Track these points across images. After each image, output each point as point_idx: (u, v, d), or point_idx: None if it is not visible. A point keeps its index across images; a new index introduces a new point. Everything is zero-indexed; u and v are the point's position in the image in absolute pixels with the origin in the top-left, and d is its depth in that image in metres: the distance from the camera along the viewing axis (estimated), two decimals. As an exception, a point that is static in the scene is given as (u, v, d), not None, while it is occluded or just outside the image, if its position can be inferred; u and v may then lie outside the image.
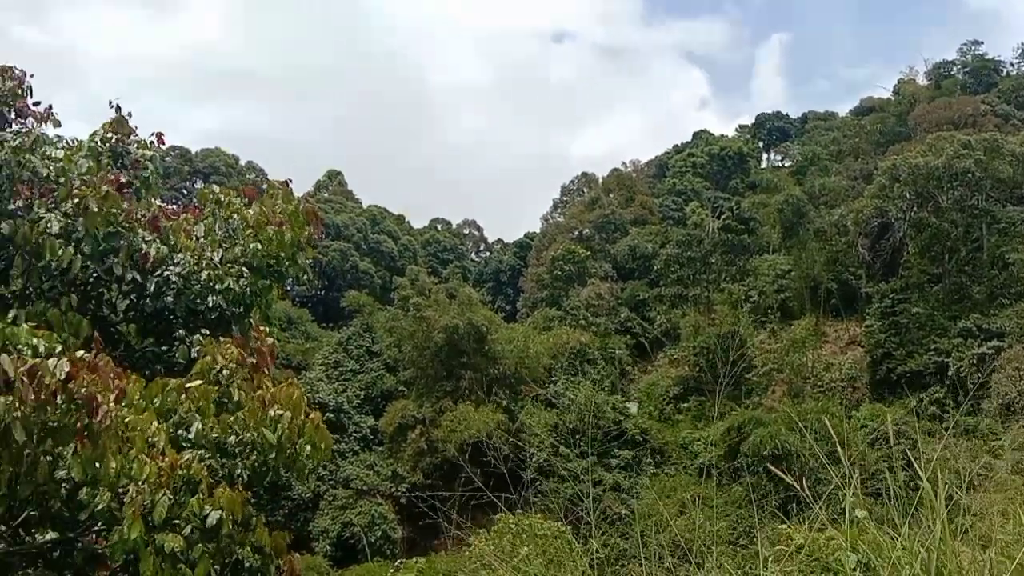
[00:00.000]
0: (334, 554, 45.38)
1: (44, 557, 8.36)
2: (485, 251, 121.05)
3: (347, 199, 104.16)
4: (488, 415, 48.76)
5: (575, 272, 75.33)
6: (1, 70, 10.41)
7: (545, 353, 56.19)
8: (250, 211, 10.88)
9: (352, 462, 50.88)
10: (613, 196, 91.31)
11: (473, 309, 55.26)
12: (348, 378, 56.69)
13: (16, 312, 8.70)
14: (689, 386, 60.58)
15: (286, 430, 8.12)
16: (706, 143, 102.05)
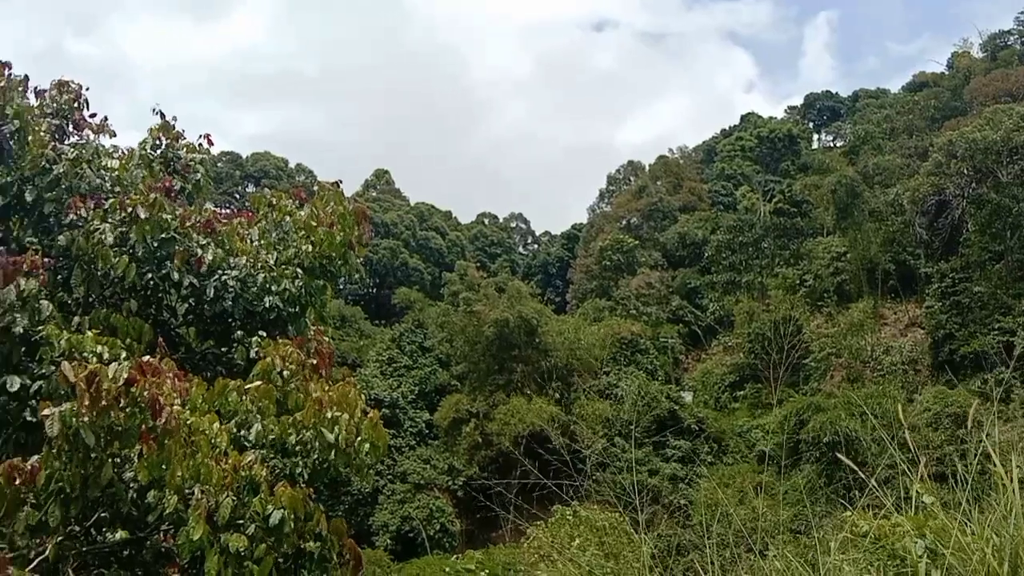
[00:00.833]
0: (394, 548, 45.94)
1: (116, 556, 8.63)
2: (533, 244, 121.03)
3: (395, 197, 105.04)
4: (541, 407, 48.80)
5: (624, 262, 74.87)
6: (58, 84, 10.75)
7: (596, 344, 55.99)
8: (302, 213, 11.07)
9: (409, 456, 51.42)
10: (660, 183, 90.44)
11: (523, 302, 55.31)
12: (402, 374, 57.27)
13: (80, 319, 8.99)
14: (745, 373, 59.77)
15: (343, 430, 8.24)
16: (754, 126, 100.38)
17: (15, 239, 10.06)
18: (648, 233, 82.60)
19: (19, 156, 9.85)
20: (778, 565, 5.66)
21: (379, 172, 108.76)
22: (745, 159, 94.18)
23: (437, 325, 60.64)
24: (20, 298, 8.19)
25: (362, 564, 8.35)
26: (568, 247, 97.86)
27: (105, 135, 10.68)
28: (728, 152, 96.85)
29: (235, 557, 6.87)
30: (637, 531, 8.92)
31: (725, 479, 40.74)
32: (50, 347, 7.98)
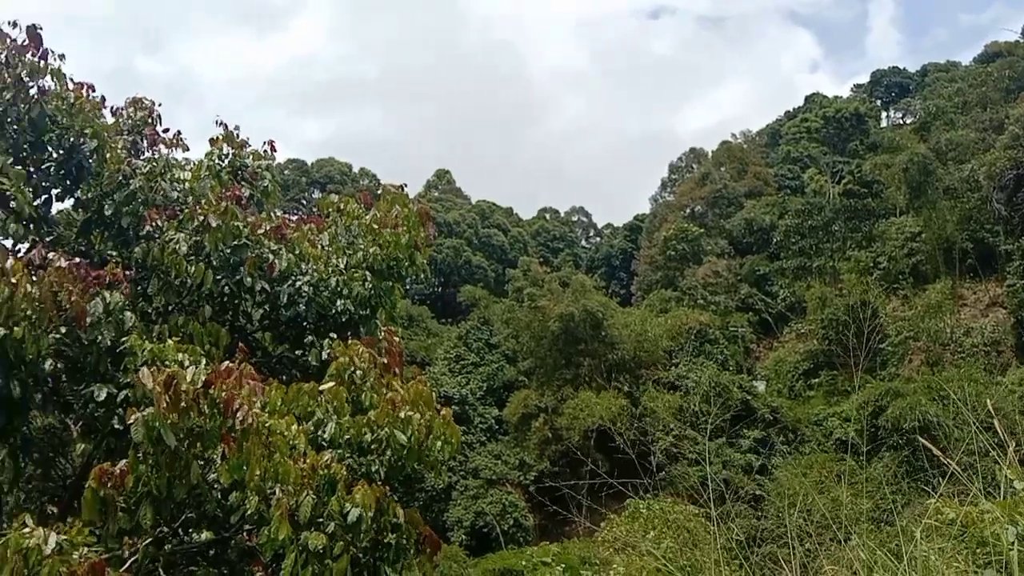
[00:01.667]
0: (469, 543, 46.39)
1: (203, 555, 8.95)
2: (595, 237, 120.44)
3: (456, 196, 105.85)
4: (610, 401, 48.58)
5: (689, 251, 73.89)
6: (133, 102, 11.18)
7: (664, 336, 55.44)
8: (368, 217, 11.29)
9: (480, 452, 51.83)
10: (724, 170, 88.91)
11: (587, 296, 55.12)
12: (470, 371, 57.73)
13: (159, 328, 9.34)
14: (819, 360, 58.37)
15: (416, 429, 8.36)
16: (820, 106, 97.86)
17: (96, 252, 10.51)
18: (713, 221, 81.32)
19: (98, 173, 10.28)
20: (862, 555, 5.54)
21: (440, 172, 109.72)
22: (811, 141, 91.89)
23: (502, 322, 60.90)
24: (106, 311, 8.55)
25: (439, 548, 8.47)
26: (631, 238, 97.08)
27: (178, 149, 11.08)
28: (793, 134, 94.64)
29: (315, 555, 7.05)
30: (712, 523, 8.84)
31: (802, 469, 39.91)
32: (134, 357, 8.30)
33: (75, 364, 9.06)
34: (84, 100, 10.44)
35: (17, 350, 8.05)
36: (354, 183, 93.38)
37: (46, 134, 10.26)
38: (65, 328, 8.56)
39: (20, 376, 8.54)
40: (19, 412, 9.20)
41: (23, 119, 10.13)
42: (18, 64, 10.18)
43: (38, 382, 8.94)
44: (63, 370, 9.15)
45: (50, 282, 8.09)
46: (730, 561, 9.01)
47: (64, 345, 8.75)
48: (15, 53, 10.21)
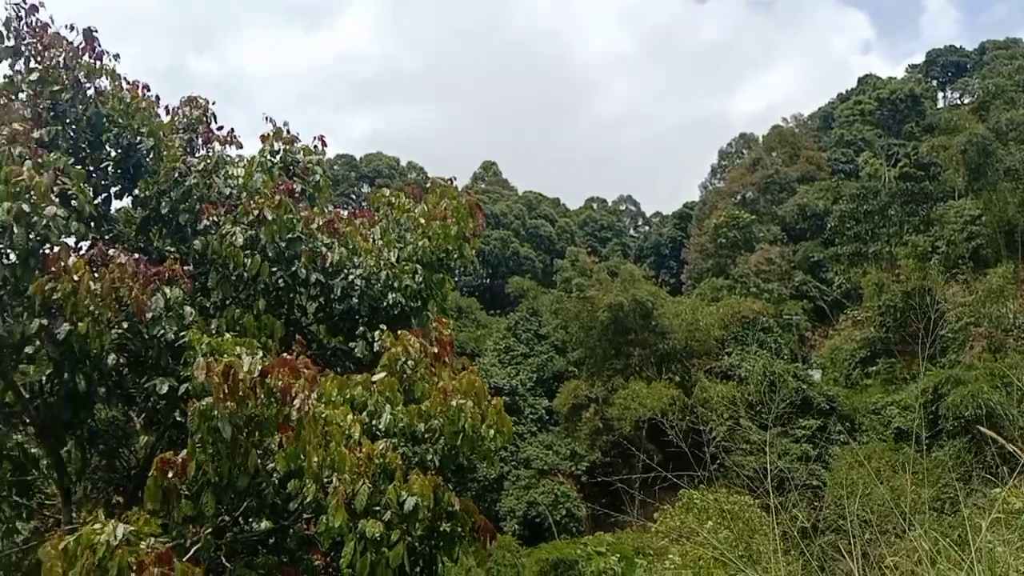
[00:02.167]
0: (522, 532, 46.57)
1: (263, 543, 9.15)
2: (643, 226, 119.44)
3: (503, 188, 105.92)
4: (661, 391, 48.24)
5: (741, 238, 72.81)
6: (188, 101, 11.43)
7: (715, 324, 54.79)
8: (417, 210, 11.38)
9: (531, 443, 51.95)
10: (776, 155, 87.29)
11: (636, 285, 54.74)
12: (519, 362, 57.84)
13: (217, 322, 9.55)
14: (876, 348, 57.09)
15: (469, 417, 8.42)
16: (873, 88, 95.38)
17: (155, 249, 10.79)
18: (765, 207, 79.96)
19: (155, 171, 10.54)
20: (924, 545, 5.42)
21: (487, 164, 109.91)
22: (865, 123, 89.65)
23: (551, 312, 60.84)
24: (167, 306, 8.77)
25: (495, 537, 8.52)
26: (681, 227, 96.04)
27: (232, 146, 11.31)
28: (847, 117, 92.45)
29: (372, 543, 7.15)
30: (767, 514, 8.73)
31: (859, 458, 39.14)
32: (193, 351, 8.50)
33: (137, 358, 9.31)
34: (140, 99, 10.70)
35: (82, 345, 8.31)
36: (402, 177, 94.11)
37: (104, 134, 10.54)
38: (127, 323, 8.80)
39: (85, 370, 8.82)
40: (85, 405, 9.51)
41: (81, 120, 10.43)
42: (75, 66, 10.47)
43: (102, 376, 9.22)
44: (126, 364, 9.41)
45: (112, 278, 8.32)
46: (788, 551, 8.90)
47: (126, 340, 9.00)
48: (72, 55, 10.51)
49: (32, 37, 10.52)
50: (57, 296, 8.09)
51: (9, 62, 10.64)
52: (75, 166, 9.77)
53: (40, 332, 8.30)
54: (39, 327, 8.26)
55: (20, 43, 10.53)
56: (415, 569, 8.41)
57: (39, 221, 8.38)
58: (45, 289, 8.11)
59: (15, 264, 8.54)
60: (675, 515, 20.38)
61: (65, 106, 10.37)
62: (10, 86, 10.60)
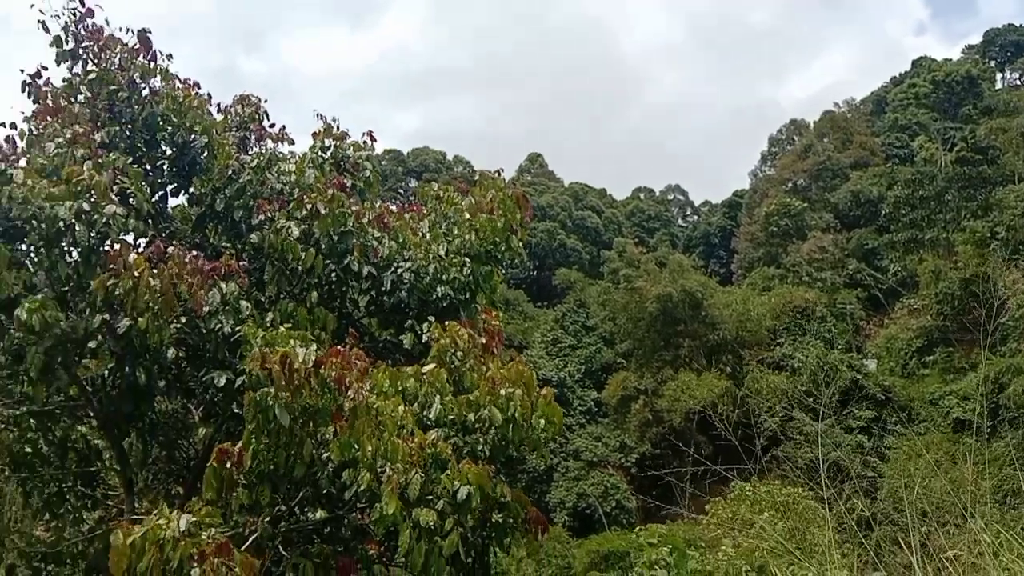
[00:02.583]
0: (572, 524, 46.59)
1: (318, 533, 9.32)
2: (692, 215, 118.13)
3: (549, 180, 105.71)
4: (712, 382, 47.73)
5: (792, 226, 71.56)
6: (240, 99, 11.66)
7: (767, 315, 53.96)
8: (464, 203, 11.45)
9: (580, 435, 51.90)
10: (827, 141, 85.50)
11: (685, 276, 54.17)
12: (567, 354, 57.77)
13: (272, 315, 9.75)
14: (933, 337, 55.64)
15: (518, 407, 8.46)
16: (928, 70, 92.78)
17: (211, 245, 11.04)
18: (817, 194, 78.42)
19: (209, 168, 10.78)
20: (987, 538, 5.29)
21: (532, 156, 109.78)
22: (920, 107, 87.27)
23: (599, 304, 60.58)
24: (223, 301, 8.97)
25: (547, 528, 8.56)
26: (730, 215, 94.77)
27: (284, 143, 11.52)
28: (900, 101, 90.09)
29: (426, 531, 7.24)
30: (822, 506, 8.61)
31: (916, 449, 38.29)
32: (249, 344, 8.69)
33: (195, 352, 9.55)
34: (192, 98, 10.95)
35: (142, 340, 8.55)
36: (448, 171, 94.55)
37: (159, 133, 10.81)
38: (185, 318, 9.04)
39: (145, 364, 9.08)
40: (145, 398, 9.79)
41: (137, 120, 10.71)
42: (131, 67, 10.75)
43: (162, 370, 9.48)
44: (185, 358, 9.66)
45: (170, 275, 8.54)
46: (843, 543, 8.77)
47: (185, 334, 9.24)
48: (127, 57, 10.79)
49: (89, 40, 10.83)
50: (119, 292, 8.33)
51: (67, 65, 10.97)
52: (132, 165, 10.05)
53: (102, 327, 8.57)
54: (101, 322, 8.53)
55: (78, 47, 10.86)
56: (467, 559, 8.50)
57: (100, 219, 8.64)
58: (107, 285, 8.36)
59: (78, 262, 8.83)
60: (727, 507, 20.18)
61: (122, 107, 10.67)
62: (69, 89, 10.93)
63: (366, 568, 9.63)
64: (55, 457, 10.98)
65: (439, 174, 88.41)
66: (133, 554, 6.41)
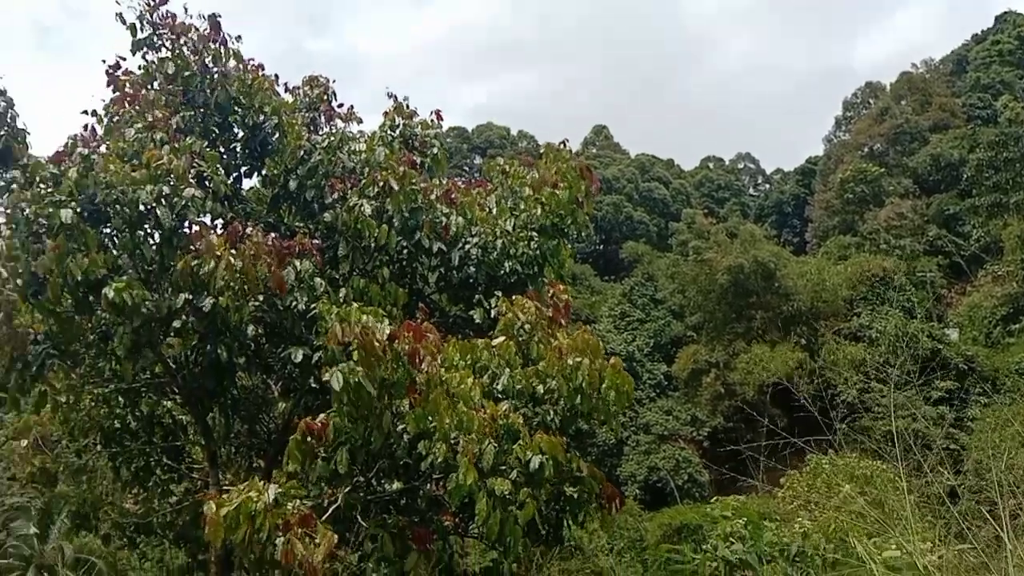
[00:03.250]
0: (643, 497, 46.52)
1: (394, 504, 9.54)
2: (764, 184, 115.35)
3: (615, 152, 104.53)
4: (786, 354, 46.77)
5: (869, 193, 69.27)
6: (309, 80, 11.85)
7: (843, 284, 52.48)
8: (529, 177, 11.43)
9: (650, 408, 51.63)
10: (905, 103, 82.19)
11: (757, 246, 53.02)
12: (635, 327, 57.36)
13: (345, 291, 9.96)
14: (1019, 304, 53.30)
15: (586, 374, 8.45)
16: (1014, 25, 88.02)
17: (285, 225, 11.31)
18: (895, 159, 75.61)
19: (280, 149, 11.01)
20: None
21: (597, 128, 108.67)
22: (1004, 65, 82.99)
23: (667, 277, 59.85)
24: (298, 278, 9.20)
25: (622, 504, 8.60)
26: (804, 183, 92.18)
27: (352, 122, 11.67)
28: (983, 59, 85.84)
29: (501, 500, 7.34)
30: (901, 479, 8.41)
31: (1002, 421, 36.90)
32: (324, 320, 8.90)
33: (273, 329, 9.84)
34: (261, 79, 11.18)
35: (224, 318, 8.85)
36: (513, 146, 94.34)
37: (231, 116, 11.09)
38: (262, 296, 9.30)
39: (226, 342, 9.39)
40: (227, 375, 10.15)
41: (210, 103, 11.00)
42: (204, 52, 11.03)
43: (242, 347, 9.80)
44: (263, 335, 9.96)
45: (249, 255, 8.80)
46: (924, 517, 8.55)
47: (263, 312, 9.52)
48: (200, 42, 11.07)
49: (162, 28, 11.14)
50: (203, 272, 8.62)
51: (143, 53, 11.32)
52: (207, 149, 10.34)
53: (185, 306, 8.88)
54: (185, 301, 8.84)
55: (152, 35, 11.18)
56: (542, 530, 8.61)
57: (179, 202, 8.93)
58: (191, 266, 8.66)
59: (159, 243, 9.16)
60: (803, 480, 19.83)
61: (195, 91, 10.97)
62: (146, 76, 11.28)
63: (442, 539, 9.83)
64: (143, 432, 11.48)
65: (503, 150, 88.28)
66: (227, 525, 6.70)
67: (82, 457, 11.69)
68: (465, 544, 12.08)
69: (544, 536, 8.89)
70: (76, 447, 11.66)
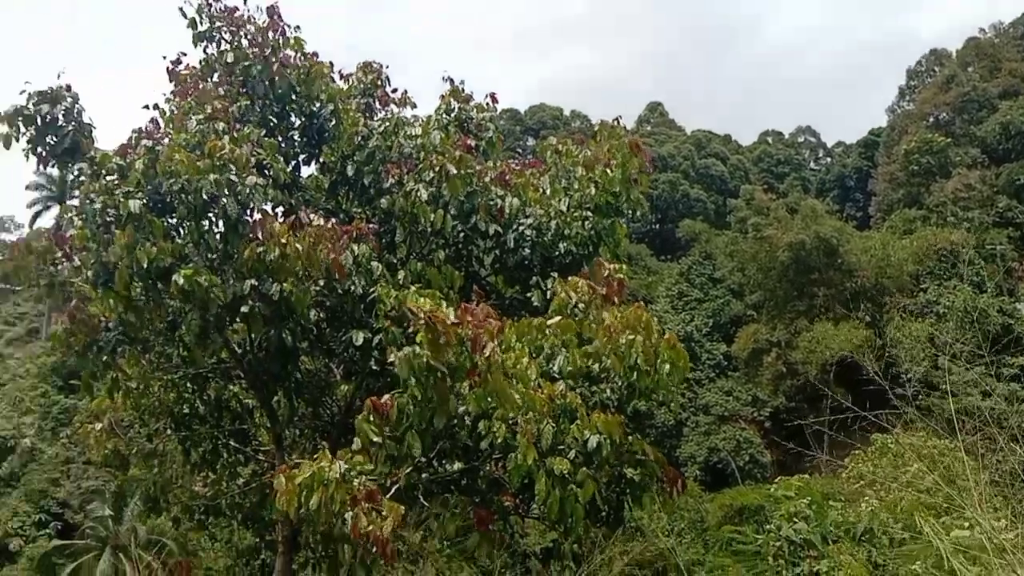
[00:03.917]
0: (704, 478, 46.22)
1: (455, 484, 9.66)
2: (825, 157, 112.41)
3: (670, 128, 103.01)
4: (850, 332, 45.77)
5: (935, 164, 67.03)
6: (362, 66, 11.96)
7: (909, 259, 51.03)
8: (581, 156, 11.35)
9: (709, 389, 51.14)
10: (972, 70, 79.10)
11: (819, 221, 51.85)
12: (694, 307, 56.75)
13: (403, 275, 10.07)
14: (1097, 277, 51.23)
15: (639, 351, 8.38)
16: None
17: (343, 211, 11.47)
18: (962, 128, 72.93)
19: (337, 136, 11.15)
20: None
21: (652, 105, 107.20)
22: (1080, 25, 79.30)
23: (726, 255, 58.99)
24: (355, 262, 9.34)
25: (684, 486, 8.57)
26: (867, 156, 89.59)
27: (407, 107, 11.75)
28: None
29: (560, 480, 7.38)
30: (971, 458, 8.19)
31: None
32: (383, 303, 9.03)
33: (334, 313, 10.02)
34: (318, 67, 11.32)
35: (288, 303, 9.04)
36: (566, 126, 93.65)
37: (289, 105, 11.26)
38: (323, 281, 9.47)
39: (291, 326, 9.60)
40: (292, 359, 10.37)
41: (269, 93, 11.19)
42: (263, 43, 11.21)
43: (305, 331, 10.00)
44: (324, 319, 10.15)
45: (310, 240, 8.96)
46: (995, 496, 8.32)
47: (323, 296, 9.69)
48: (258, 33, 11.25)
49: (221, 20, 11.35)
50: (270, 259, 8.81)
51: (203, 46, 11.55)
52: (266, 138, 10.53)
53: (251, 292, 9.08)
54: (250, 287, 9.04)
55: (212, 27, 11.40)
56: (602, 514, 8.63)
57: (243, 190, 9.12)
58: (257, 252, 8.86)
59: (224, 232, 9.38)
60: (867, 460, 19.47)
61: (254, 82, 11.15)
62: (206, 68, 11.52)
63: (502, 519, 9.93)
64: (211, 416, 11.81)
65: (556, 131, 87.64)
66: (302, 493, 6.88)
67: (153, 441, 12.07)
68: (525, 525, 12.17)
69: (605, 518, 8.92)
70: (147, 431, 12.04)
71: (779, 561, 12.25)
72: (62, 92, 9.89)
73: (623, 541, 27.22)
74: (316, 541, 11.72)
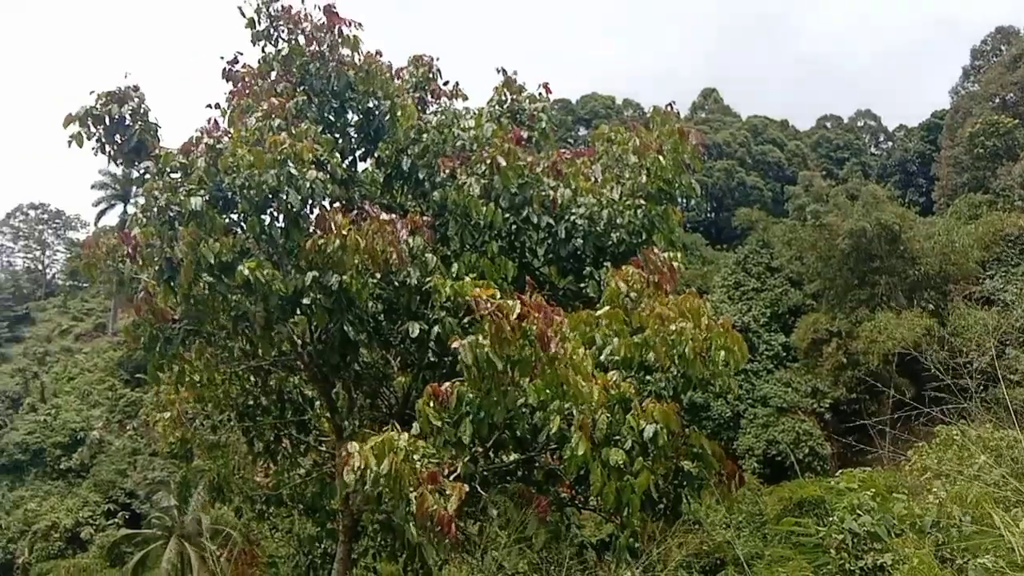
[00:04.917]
0: (762, 471, 45.57)
1: (512, 474, 9.74)
2: (886, 142, 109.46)
3: (725, 115, 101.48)
4: (913, 321, 44.56)
5: (1002, 146, 64.72)
6: (415, 59, 12.06)
7: (975, 245, 49.42)
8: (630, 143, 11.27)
9: (767, 380, 50.30)
10: (1042, 48, 76.12)
11: (880, 207, 50.50)
12: (751, 297, 55.82)
13: (457, 266, 10.17)
14: None
15: (691, 339, 8.28)
16: None
17: (398, 204, 11.61)
18: (1030, 109, 70.35)
19: (393, 131, 11.28)
20: None
21: (706, 92, 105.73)
22: None
23: (783, 243, 57.86)
24: (411, 254, 9.45)
25: (743, 483, 8.48)
26: (929, 139, 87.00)
27: (458, 99, 11.82)
28: None
29: (615, 470, 7.37)
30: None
31: None
32: (438, 295, 9.12)
33: (391, 305, 10.15)
34: (379, 66, 11.44)
35: (348, 295, 9.20)
36: (618, 115, 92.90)
37: (346, 102, 11.42)
38: (380, 273, 9.61)
39: (350, 318, 9.76)
40: (351, 350, 10.55)
41: (326, 90, 11.36)
42: (320, 41, 11.38)
43: (363, 323, 10.16)
44: (382, 311, 10.30)
45: (370, 233, 9.10)
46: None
47: (381, 288, 9.83)
48: (316, 32, 11.42)
49: (279, 19, 11.56)
50: (331, 251, 8.98)
51: (261, 45, 11.78)
52: (323, 134, 10.71)
53: (313, 285, 9.26)
54: (312, 280, 9.22)
55: (270, 27, 11.62)
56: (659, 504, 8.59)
57: (304, 184, 9.29)
58: (318, 245, 9.03)
59: (286, 226, 9.59)
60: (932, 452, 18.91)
61: (311, 79, 11.34)
62: (264, 66, 11.75)
63: (559, 510, 9.97)
64: (273, 407, 12.09)
65: (608, 120, 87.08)
66: (372, 458, 7.00)
67: (216, 432, 12.39)
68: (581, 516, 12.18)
69: (662, 511, 8.88)
70: (211, 423, 12.36)
71: (842, 554, 12.03)
72: (129, 92, 10.20)
73: (681, 534, 27.07)
74: (376, 530, 11.95)
